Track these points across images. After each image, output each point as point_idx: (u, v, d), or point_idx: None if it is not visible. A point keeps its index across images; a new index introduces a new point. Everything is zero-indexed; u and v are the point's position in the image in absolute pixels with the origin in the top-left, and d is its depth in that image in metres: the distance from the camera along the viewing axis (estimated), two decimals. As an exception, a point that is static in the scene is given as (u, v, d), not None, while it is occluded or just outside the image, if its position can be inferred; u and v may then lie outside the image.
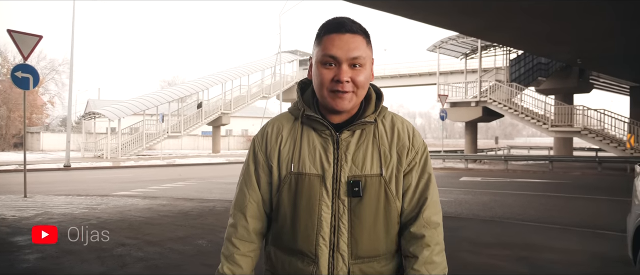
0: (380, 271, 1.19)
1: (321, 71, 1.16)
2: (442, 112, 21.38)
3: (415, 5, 11.34)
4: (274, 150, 1.22)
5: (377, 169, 1.18)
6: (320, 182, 1.17)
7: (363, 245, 1.17)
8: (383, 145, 1.20)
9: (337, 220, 1.17)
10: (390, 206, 1.20)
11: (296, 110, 1.25)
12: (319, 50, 1.16)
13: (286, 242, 1.21)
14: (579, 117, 19.91)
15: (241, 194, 1.27)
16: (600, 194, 10.43)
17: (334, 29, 1.15)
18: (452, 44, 23.44)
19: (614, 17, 11.58)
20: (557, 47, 16.57)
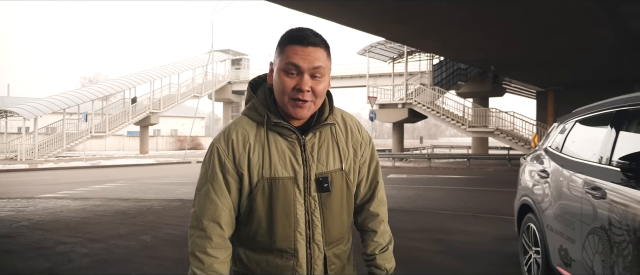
0: (345, 250, 1.36)
1: (283, 79, 1.21)
2: (372, 113, 22.42)
3: (348, 13, 12.01)
4: (243, 158, 1.24)
5: (338, 164, 1.30)
6: (293, 183, 1.25)
7: (334, 232, 1.31)
8: (340, 142, 1.33)
9: (310, 215, 1.27)
10: (351, 194, 1.35)
11: (257, 116, 1.29)
12: (281, 58, 1.22)
13: (261, 243, 1.27)
14: (493, 119, 21.87)
15: (211, 204, 1.25)
16: (508, 187, 11.72)
17: (298, 40, 1.21)
18: (381, 48, 24.64)
19: (520, 29, 13.02)
20: (474, 54, 18.16)
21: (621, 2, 10.43)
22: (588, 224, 2.41)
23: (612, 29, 12.36)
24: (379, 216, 1.41)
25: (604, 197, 2.27)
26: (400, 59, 26.22)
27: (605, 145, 2.52)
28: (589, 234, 2.40)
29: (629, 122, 2.46)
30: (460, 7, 10.77)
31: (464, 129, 22.24)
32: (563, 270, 2.82)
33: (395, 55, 25.97)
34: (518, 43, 14.80)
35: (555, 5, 10.54)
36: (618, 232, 2.10)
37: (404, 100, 24.09)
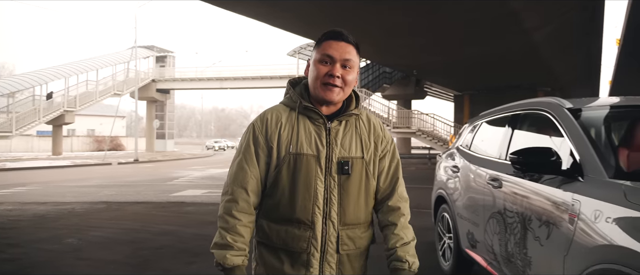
0: (360, 236, 1.45)
1: (318, 67, 1.39)
2: (301, 114, 22.82)
3: (281, 15, 12.21)
4: (274, 134, 1.40)
5: (360, 152, 1.44)
6: (315, 161, 1.38)
7: (349, 214, 1.41)
8: (363, 135, 1.46)
9: (328, 193, 1.39)
10: (369, 183, 1.46)
11: (291, 102, 1.45)
12: (318, 51, 1.42)
13: (283, 213, 1.40)
14: (415, 120, 23.18)
15: (242, 171, 1.41)
16: (428, 184, 12.53)
17: (333, 36, 1.41)
18: (309, 50, 25.10)
19: (440, 39, 14.04)
20: (400, 60, 19.19)
21: (526, 17, 11.67)
22: (489, 210, 2.84)
23: (518, 40, 13.72)
24: (399, 209, 1.49)
25: (501, 186, 2.70)
26: (328, 61, 26.93)
27: (503, 143, 2.98)
28: (489, 218, 2.82)
29: (520, 124, 2.94)
30: (391, 14, 11.40)
31: (389, 129, 23.34)
32: (470, 252, 3.26)
33: (324, 58, 26.62)
34: (438, 51, 15.92)
35: (470, 19, 11.54)
36: (510, 214, 2.53)
37: (333, 102, 24.75)
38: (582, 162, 2.06)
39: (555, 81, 22.51)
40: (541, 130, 2.74)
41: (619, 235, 1.64)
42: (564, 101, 2.52)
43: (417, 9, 11.04)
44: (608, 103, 2.81)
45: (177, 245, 4.94)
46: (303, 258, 1.39)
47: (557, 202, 2.07)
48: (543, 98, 2.83)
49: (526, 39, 13.54)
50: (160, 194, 10.33)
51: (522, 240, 2.36)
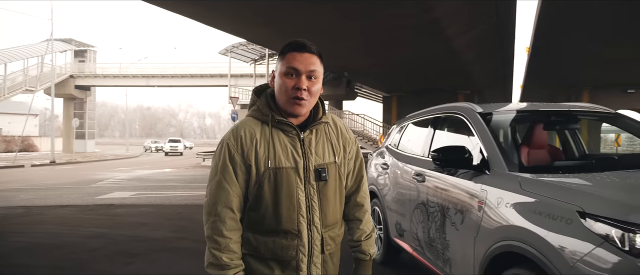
0: (338, 234, 1.56)
1: (284, 80, 1.41)
2: (234, 114, 22.56)
3: (211, 14, 12.07)
4: (251, 151, 1.42)
5: (332, 158, 1.51)
6: (294, 172, 1.43)
7: (329, 216, 1.49)
8: (333, 140, 1.53)
9: (310, 201, 1.45)
10: (342, 185, 1.55)
11: (262, 116, 1.47)
12: (283, 63, 1.43)
13: (269, 226, 1.44)
14: (346, 121, 23.87)
15: (223, 191, 1.42)
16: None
17: (297, 48, 1.43)
18: (243, 49, 24.93)
19: (371, 42, 14.64)
20: (332, 61, 19.66)
21: (448, 25, 12.55)
22: (414, 202, 3.19)
23: (440, 46, 14.70)
24: (363, 206, 1.62)
25: (424, 180, 3.05)
26: (261, 61, 26.84)
27: (426, 142, 3.35)
28: (414, 209, 3.17)
29: (441, 125, 3.32)
30: (322, 16, 11.72)
31: (320, 129, 23.85)
32: (398, 240, 3.60)
33: (257, 57, 26.50)
34: (368, 54, 16.57)
35: (397, 25, 12.21)
36: (432, 205, 2.88)
37: (265, 101, 24.76)
38: (489, 158, 2.44)
39: (474, 85, 24.26)
40: (457, 131, 3.13)
41: (515, 217, 2.01)
42: (476, 106, 2.92)
43: (348, 13, 11.46)
44: (515, 108, 3.27)
45: (112, 248, 4.85)
46: (292, 264, 1.45)
47: (469, 192, 2.43)
48: (459, 103, 3.23)
49: (448, 45, 14.53)
50: (86, 196, 9.85)
51: (441, 227, 2.71)
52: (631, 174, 2.18)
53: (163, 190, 11.11)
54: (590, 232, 1.67)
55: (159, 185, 12.43)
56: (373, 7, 10.88)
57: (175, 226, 6.10)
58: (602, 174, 2.16)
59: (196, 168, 20.82)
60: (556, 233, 1.78)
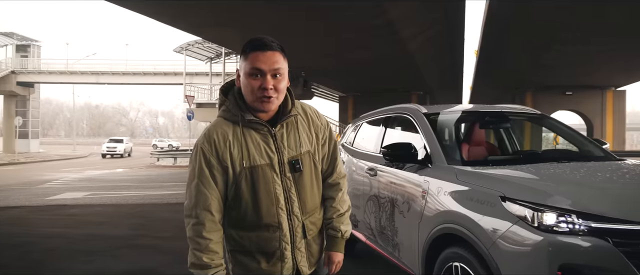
0: (318, 218, 1.62)
1: (250, 81, 1.44)
2: (190, 113, 22.28)
3: (165, 12, 11.94)
4: (226, 153, 1.46)
5: (306, 147, 1.55)
6: (270, 168, 1.48)
7: (308, 204, 1.56)
8: (304, 129, 1.57)
9: (287, 193, 1.51)
10: (318, 171, 1.60)
11: (232, 116, 1.50)
12: (246, 64, 1.44)
13: (250, 222, 1.50)
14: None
15: (201, 195, 1.46)
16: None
17: (259, 47, 1.44)
18: (199, 47, 24.61)
19: (327, 43, 14.94)
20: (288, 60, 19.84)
21: (401, 28, 13.07)
22: (367, 194, 3.48)
23: (395, 48, 15.25)
24: (338, 185, 1.66)
25: (376, 174, 3.35)
26: (217, 59, 26.59)
27: (378, 139, 3.65)
28: (367, 201, 3.47)
29: (391, 124, 3.64)
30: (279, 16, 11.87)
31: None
32: (353, 231, 3.89)
33: (213, 55, 26.23)
34: (325, 54, 16.89)
35: (353, 27, 12.58)
36: (383, 196, 3.18)
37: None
38: (431, 153, 2.76)
39: (426, 85, 25.20)
40: (405, 129, 3.45)
41: (451, 203, 2.34)
42: (421, 107, 3.25)
43: (306, 14, 11.69)
44: (457, 109, 3.63)
45: (70, 247, 4.85)
46: (277, 254, 1.52)
47: (414, 183, 2.75)
48: (407, 104, 3.56)
49: (402, 47, 15.10)
50: (34, 197, 9.54)
51: (391, 216, 3.01)
52: (548, 166, 2.56)
53: (117, 190, 10.92)
54: (509, 213, 2.00)
55: (112, 186, 12.17)
56: (331, 9, 11.18)
57: (135, 224, 6.12)
58: (525, 166, 2.53)
59: (150, 168, 20.40)
60: (483, 215, 2.11)
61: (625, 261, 1.73)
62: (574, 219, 1.85)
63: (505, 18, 13.87)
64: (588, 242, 1.79)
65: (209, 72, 27.42)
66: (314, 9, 11.19)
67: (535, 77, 20.51)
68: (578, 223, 1.84)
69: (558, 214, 1.88)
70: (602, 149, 3.05)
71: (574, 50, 14.82)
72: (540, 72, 19.24)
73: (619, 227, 1.80)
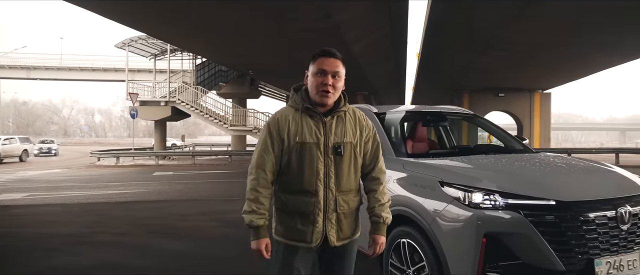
0: (352, 199, 1.94)
1: (315, 79, 1.88)
2: (133, 111, 21.63)
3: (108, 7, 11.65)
4: (284, 129, 1.88)
5: (349, 138, 1.91)
6: (316, 147, 1.86)
7: (343, 183, 1.89)
8: (350, 125, 1.94)
9: (327, 169, 1.87)
10: (357, 161, 1.95)
11: (296, 104, 1.93)
12: (314, 66, 1.90)
13: (294, 186, 1.88)
14: (251, 119, 24.13)
15: (261, 159, 1.89)
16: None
17: (325, 55, 1.90)
18: (142, 43, 23.86)
19: (275, 43, 15.18)
20: (236, 59, 19.85)
21: (346, 30, 13.58)
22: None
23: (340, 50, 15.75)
24: (379, 179, 1.99)
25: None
26: (162, 56, 25.92)
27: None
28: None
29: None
30: (227, 15, 11.96)
31: (226, 127, 23.78)
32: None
33: (158, 52, 25.53)
34: (272, 54, 17.11)
35: (301, 28, 12.93)
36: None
37: (167, 98, 24.02)
38: (382, 147, 3.15)
39: (370, 86, 26.10)
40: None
41: (400, 189, 2.74)
42: (372, 107, 3.65)
43: (254, 14, 11.86)
44: (403, 109, 4.07)
45: (23, 245, 4.81)
46: (311, 218, 1.87)
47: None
48: (359, 104, 3.95)
49: (347, 49, 15.66)
50: (-32, 199, 9.04)
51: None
52: (478, 157, 3.05)
53: (59, 191, 10.55)
54: (446, 194, 2.43)
55: (53, 187, 11.70)
56: (279, 10, 11.42)
57: (88, 222, 6.09)
58: (459, 158, 3.00)
59: (91, 168, 19.62)
60: (425, 198, 2.53)
61: (532, 228, 2.21)
62: (496, 198, 2.31)
63: (444, 24, 14.83)
64: (506, 214, 2.26)
65: (153, 69, 26.64)
66: (261, 10, 11.37)
67: (471, 79, 21.90)
68: (499, 200, 2.30)
69: (484, 194, 2.33)
70: (521, 144, 3.60)
71: (505, 55, 16.09)
72: (475, 75, 20.59)
73: (529, 202, 2.28)
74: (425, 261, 2.50)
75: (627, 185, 2.55)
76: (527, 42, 14.10)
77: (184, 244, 4.85)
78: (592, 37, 13.16)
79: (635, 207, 2.37)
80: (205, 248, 4.67)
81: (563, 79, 22.54)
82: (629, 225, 2.32)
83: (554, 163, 2.94)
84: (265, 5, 11.04)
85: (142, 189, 10.85)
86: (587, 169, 2.82)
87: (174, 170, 16.97)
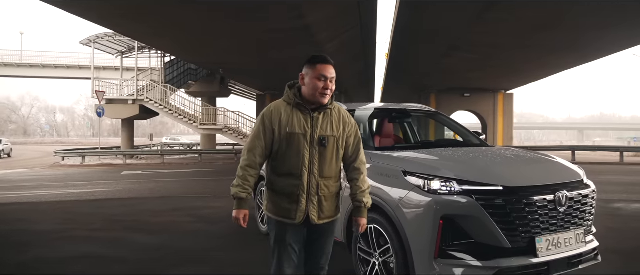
0: (332, 185, 2.23)
1: (316, 82, 2.16)
2: (100, 109, 21.18)
3: (72, 3, 11.46)
4: (276, 120, 2.17)
5: (333, 132, 2.20)
6: (303, 137, 2.16)
7: (325, 170, 2.19)
8: (335, 121, 2.22)
9: (312, 157, 2.16)
10: (339, 152, 2.23)
11: (289, 99, 2.21)
12: (314, 71, 2.17)
13: (282, 170, 2.18)
14: (221, 118, 24.01)
15: (253, 143, 2.20)
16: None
17: (324, 61, 2.20)
18: (109, 40, 23.38)
19: (245, 43, 15.23)
20: (206, 58, 19.74)
21: (318, 31, 13.81)
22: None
23: (312, 50, 15.99)
24: (360, 169, 2.29)
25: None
26: (129, 54, 25.44)
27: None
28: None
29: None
30: (196, 14, 11.95)
31: (196, 126, 23.58)
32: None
33: (125, 50, 25.05)
34: (243, 53, 17.13)
35: (273, 28, 13.07)
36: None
37: (135, 97, 23.61)
38: (351, 141, 3.40)
39: (341, 85, 26.41)
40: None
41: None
42: (342, 105, 3.88)
43: (225, 14, 11.87)
44: (371, 107, 4.32)
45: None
46: (295, 198, 2.17)
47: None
48: (331, 102, 4.19)
49: (318, 49, 15.90)
50: None
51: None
52: (438, 150, 3.33)
53: (24, 190, 10.33)
54: (408, 183, 2.70)
55: (16, 186, 11.42)
56: (249, 10, 11.48)
57: (60, 219, 6.08)
58: (421, 150, 3.27)
59: (55, 168, 19.14)
60: (390, 186, 2.79)
61: (483, 211, 2.50)
62: (453, 185, 2.59)
63: (411, 26, 15.28)
64: (460, 199, 2.54)
65: (119, 66, 26.09)
66: (231, 9, 11.40)
67: (438, 80, 22.56)
68: (455, 187, 2.58)
69: (441, 182, 2.60)
70: (478, 139, 3.93)
71: (468, 56, 16.71)
72: (441, 75, 21.24)
73: (479, 188, 2.57)
74: (390, 244, 2.76)
75: (565, 173, 2.90)
76: (488, 44, 14.70)
77: (158, 238, 4.97)
78: (547, 40, 13.88)
79: (572, 192, 2.71)
80: (179, 241, 4.80)
81: (524, 80, 23.53)
82: (566, 208, 2.66)
83: (504, 155, 3.27)
84: (223, 5, 11.01)
85: (112, 187, 10.76)
86: (532, 160, 3.16)
87: (142, 169, 16.79)
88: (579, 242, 2.71)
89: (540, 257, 2.54)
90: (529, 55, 16.28)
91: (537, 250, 2.53)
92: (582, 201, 2.77)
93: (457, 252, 2.53)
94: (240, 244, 4.68)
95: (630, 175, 13.02)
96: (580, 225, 2.74)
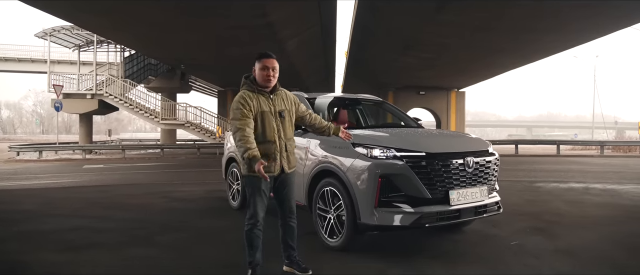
0: (291, 144, 3.10)
1: (262, 73, 2.97)
2: (58, 104, 20.87)
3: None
4: (250, 103, 2.92)
5: (286, 107, 3.08)
6: (270, 113, 2.98)
7: (288, 134, 3.06)
8: (285, 100, 3.11)
9: (279, 127, 3.01)
10: (292, 120, 3.13)
11: (250, 88, 3.00)
12: (261, 63, 2.98)
13: (262, 138, 2.94)
14: (182, 113, 24.10)
15: (243, 119, 2.88)
16: (202, 168, 14.18)
17: (267, 56, 3.00)
18: (66, 33, 22.97)
19: (206, 39, 15.58)
20: (167, 53, 19.87)
21: (279, 29, 14.41)
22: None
23: (273, 47, 16.57)
24: (314, 117, 3.35)
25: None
26: (87, 48, 25.05)
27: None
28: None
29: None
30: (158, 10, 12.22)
31: (157, 121, 23.58)
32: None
33: (83, 43, 24.65)
34: (204, 49, 17.43)
35: (235, 25, 13.55)
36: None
37: (94, 91, 23.33)
38: (311, 122, 4.13)
39: (302, 83, 27.17)
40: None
41: (323, 152, 3.74)
42: (304, 93, 4.61)
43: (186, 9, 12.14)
44: (331, 95, 5.06)
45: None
46: (272, 156, 2.98)
47: (302, 145, 4.09)
48: (293, 92, 4.90)
49: (280, 47, 16.47)
50: None
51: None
52: (381, 129, 4.13)
53: (-12, 182, 10.39)
54: (356, 152, 3.47)
55: (-22, 178, 11.41)
56: (211, 7, 11.87)
57: (40, 202, 6.44)
58: (368, 129, 4.05)
59: (11, 163, 18.77)
60: (342, 156, 3.55)
61: (411, 170, 3.31)
62: (389, 152, 3.38)
63: (368, 26, 16.19)
64: (394, 162, 3.34)
65: (76, 60, 25.59)
66: (194, 5, 11.71)
67: (395, 77, 23.69)
68: (390, 153, 3.37)
69: (380, 150, 3.39)
70: (416, 123, 4.77)
71: (421, 56, 17.82)
72: (398, 74, 22.36)
73: (409, 154, 3.38)
74: (342, 200, 3.53)
75: (474, 143, 3.79)
76: (437, 44, 15.76)
77: (139, 213, 5.52)
78: (489, 41, 15.07)
79: (478, 158, 3.58)
80: (158, 215, 5.39)
81: (473, 79, 25.09)
82: (472, 170, 3.52)
83: (431, 132, 4.18)
84: (188, 2, 11.42)
85: (77, 179, 10.98)
86: (450, 135, 4.09)
87: (104, 164, 16.82)
88: (483, 196, 3.58)
89: (452, 206, 3.39)
90: (473, 55, 17.53)
91: (450, 200, 3.38)
92: (486, 165, 3.65)
93: (393, 201, 3.33)
94: (214, 215, 5.32)
95: (562, 164, 14.51)
96: (484, 183, 3.62)
